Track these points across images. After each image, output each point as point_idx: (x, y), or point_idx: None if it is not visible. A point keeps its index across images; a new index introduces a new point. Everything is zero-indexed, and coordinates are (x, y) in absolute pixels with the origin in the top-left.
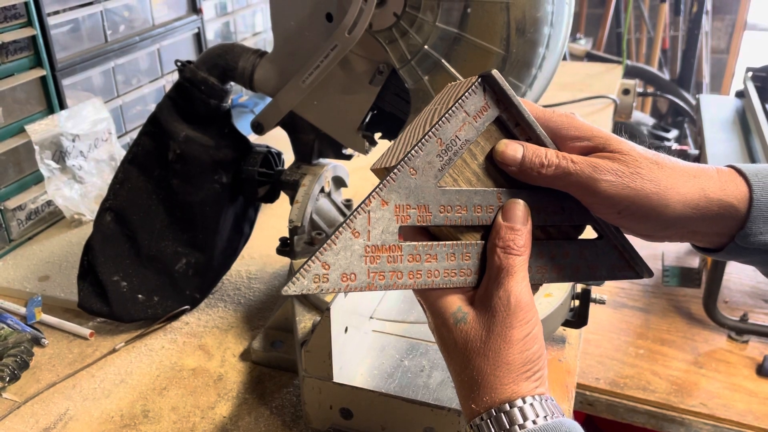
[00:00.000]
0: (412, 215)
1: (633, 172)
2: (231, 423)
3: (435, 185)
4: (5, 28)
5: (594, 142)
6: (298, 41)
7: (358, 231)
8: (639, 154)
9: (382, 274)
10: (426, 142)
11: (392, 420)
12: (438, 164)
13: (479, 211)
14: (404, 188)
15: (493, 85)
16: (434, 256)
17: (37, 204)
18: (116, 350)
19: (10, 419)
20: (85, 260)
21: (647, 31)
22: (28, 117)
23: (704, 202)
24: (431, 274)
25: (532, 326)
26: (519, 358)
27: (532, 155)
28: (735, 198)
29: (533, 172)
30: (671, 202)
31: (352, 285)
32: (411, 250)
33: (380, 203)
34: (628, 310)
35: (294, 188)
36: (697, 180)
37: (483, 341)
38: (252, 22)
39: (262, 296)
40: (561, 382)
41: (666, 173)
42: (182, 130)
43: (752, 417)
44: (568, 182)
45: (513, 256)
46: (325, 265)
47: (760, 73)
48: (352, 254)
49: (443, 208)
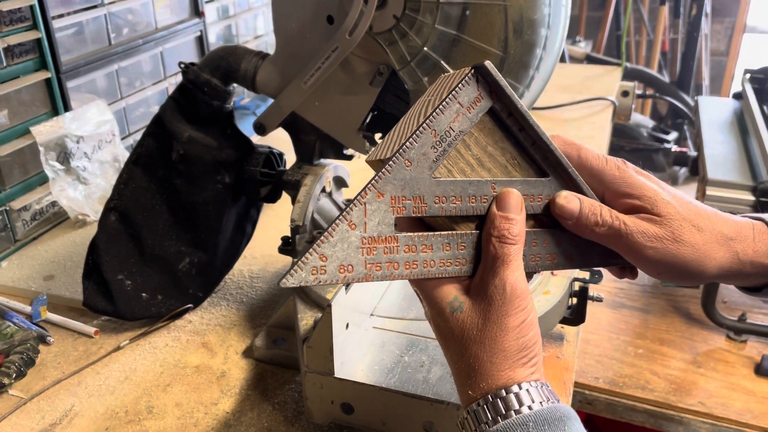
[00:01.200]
0: (407, 206)
1: (676, 239)
2: (234, 418)
3: (430, 176)
4: (11, 31)
5: (642, 202)
6: (299, 43)
7: (354, 223)
8: (682, 218)
9: (379, 265)
10: (421, 134)
11: (392, 414)
12: (433, 155)
13: (473, 201)
14: (399, 180)
15: (486, 75)
16: (430, 246)
17: (41, 205)
18: (120, 348)
19: (17, 415)
20: (90, 259)
21: (647, 34)
22: (34, 119)
23: (737, 265)
24: (427, 264)
25: (527, 313)
26: (515, 345)
27: (588, 212)
28: (767, 256)
29: (587, 228)
30: (707, 268)
31: (349, 276)
32: (407, 241)
33: (376, 195)
34: (627, 310)
35: (296, 188)
36: (732, 243)
37: (479, 329)
38: (254, 25)
39: (264, 295)
40: (559, 379)
41: (705, 238)
42: (185, 131)
43: (750, 416)
44: (617, 243)
45: (508, 245)
46: (323, 257)
47: (757, 74)
48: (349, 246)
49: (438, 199)
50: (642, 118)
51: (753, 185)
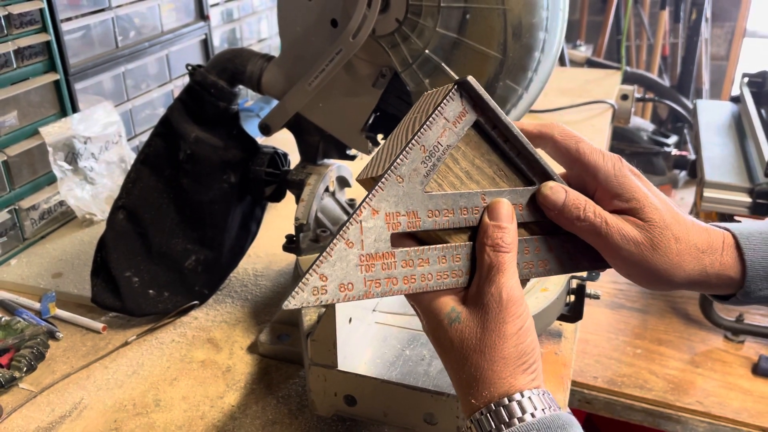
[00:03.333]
0: (402, 222)
1: (654, 246)
2: (239, 411)
3: (422, 191)
4: (21, 34)
5: (630, 204)
6: (304, 46)
7: (351, 241)
8: (665, 225)
9: (378, 282)
10: (410, 150)
11: (394, 406)
12: (423, 170)
13: (465, 212)
14: (393, 196)
15: (470, 90)
16: (426, 260)
17: (50, 204)
18: (128, 343)
19: (27, 408)
20: (98, 257)
21: (647, 38)
22: (42, 120)
23: (704, 277)
24: (425, 277)
25: (524, 320)
26: (514, 352)
27: (572, 205)
28: (732, 269)
29: (569, 220)
30: (676, 277)
31: (350, 294)
32: (404, 256)
33: (371, 212)
34: (626, 311)
35: (300, 187)
36: (702, 256)
37: (478, 338)
38: (257, 29)
39: (268, 292)
40: (557, 374)
41: (680, 249)
42: (192, 132)
43: (747, 415)
44: (595, 239)
45: (502, 253)
46: (323, 276)
47: (755, 78)
48: (347, 264)
49: (431, 213)
50: (642, 121)
51: (750, 187)
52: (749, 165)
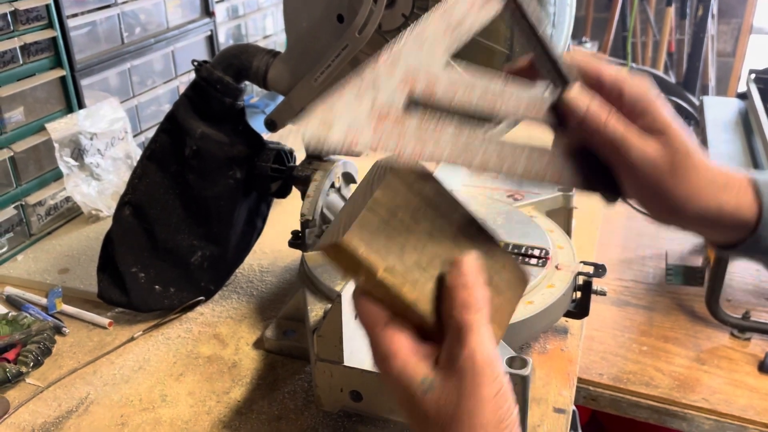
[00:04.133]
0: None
1: (672, 169)
2: (245, 406)
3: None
4: (27, 30)
5: (656, 126)
6: (310, 41)
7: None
8: (687, 152)
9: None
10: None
11: None
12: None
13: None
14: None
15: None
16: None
17: (56, 200)
18: (134, 339)
19: (34, 402)
20: (104, 252)
21: (653, 35)
22: (49, 116)
23: (717, 214)
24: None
25: (500, 383)
26: (493, 418)
27: (596, 112)
28: (748, 210)
29: (591, 127)
30: (689, 209)
31: (356, 141)
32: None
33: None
34: (632, 308)
35: (305, 183)
36: (720, 193)
37: (455, 405)
38: (263, 25)
39: (273, 288)
40: (563, 371)
41: (699, 178)
42: (198, 128)
43: (753, 412)
44: (614, 155)
45: (472, 314)
46: (332, 109)
47: (762, 75)
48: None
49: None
50: None
51: None
52: (756, 161)
